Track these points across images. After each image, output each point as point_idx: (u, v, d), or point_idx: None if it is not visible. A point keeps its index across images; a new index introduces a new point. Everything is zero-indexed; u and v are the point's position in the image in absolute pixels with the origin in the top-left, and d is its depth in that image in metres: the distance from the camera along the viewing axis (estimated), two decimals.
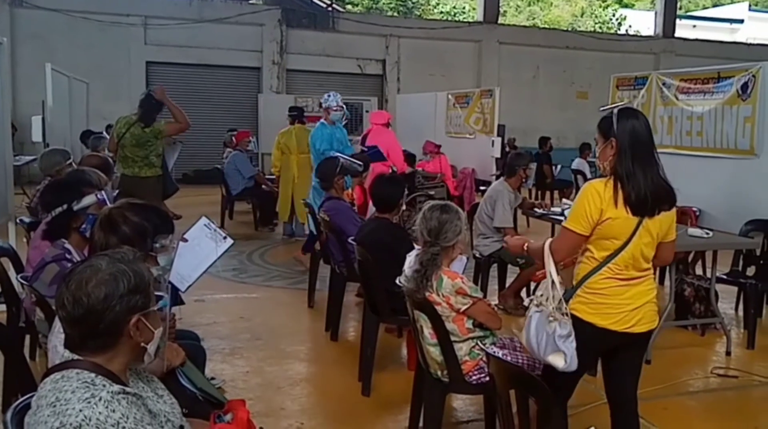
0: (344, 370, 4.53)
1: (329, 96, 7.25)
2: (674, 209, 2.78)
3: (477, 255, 6.02)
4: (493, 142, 9.24)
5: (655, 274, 6.15)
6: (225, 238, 3.52)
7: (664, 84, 6.67)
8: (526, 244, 3.06)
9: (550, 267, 2.80)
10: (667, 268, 5.37)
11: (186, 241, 3.42)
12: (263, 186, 10.04)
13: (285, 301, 6.30)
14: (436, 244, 3.15)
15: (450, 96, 10.86)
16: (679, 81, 6.46)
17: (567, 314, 2.73)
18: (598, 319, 2.75)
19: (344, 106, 7.28)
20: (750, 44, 20.66)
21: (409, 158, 9.59)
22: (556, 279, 2.79)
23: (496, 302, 5.73)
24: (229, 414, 2.08)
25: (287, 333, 5.33)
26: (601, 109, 2.83)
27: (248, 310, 5.92)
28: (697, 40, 20.04)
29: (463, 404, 4.07)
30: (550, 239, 2.91)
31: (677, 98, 6.44)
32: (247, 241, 8.77)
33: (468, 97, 10.31)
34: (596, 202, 2.69)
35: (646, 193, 2.67)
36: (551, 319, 2.74)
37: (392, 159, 7.65)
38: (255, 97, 15.81)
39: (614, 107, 2.80)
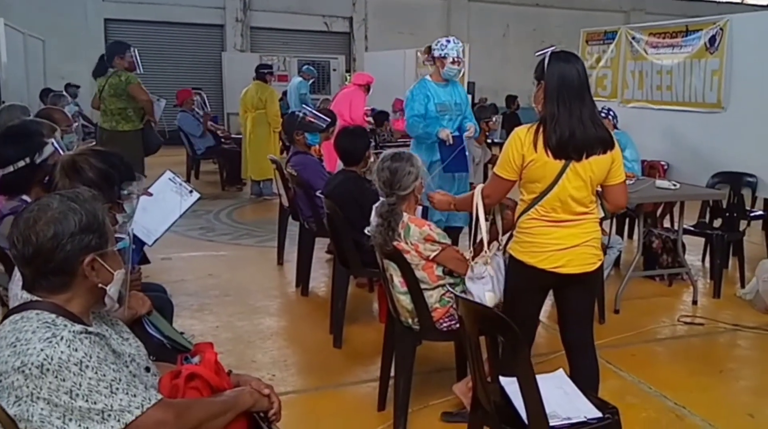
0: (315, 324, 4.55)
1: (448, 42, 4.94)
2: (612, 153, 2.78)
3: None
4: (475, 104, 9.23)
5: (624, 227, 6.42)
6: (191, 191, 3.47)
7: (633, 38, 6.69)
8: (452, 201, 3.22)
9: (479, 213, 2.95)
10: (636, 221, 5.46)
11: (151, 195, 3.36)
12: (225, 144, 9.98)
13: (254, 259, 6.29)
14: (392, 194, 3.14)
15: (419, 53, 10.76)
16: (648, 35, 6.48)
17: (489, 259, 2.96)
18: (527, 257, 2.84)
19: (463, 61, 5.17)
20: (719, 2, 20.75)
21: (380, 116, 9.59)
22: (483, 224, 2.95)
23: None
24: (197, 356, 2.07)
25: (257, 289, 5.32)
26: (537, 53, 2.83)
27: (217, 267, 5.90)
28: None
29: (434, 353, 4.11)
30: (481, 186, 3.01)
31: (646, 53, 6.46)
32: (214, 201, 8.70)
33: None
34: (517, 147, 2.76)
35: (569, 136, 2.69)
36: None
37: (352, 116, 7.65)
38: (219, 55, 15.56)
39: (548, 50, 2.81)
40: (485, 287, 2.97)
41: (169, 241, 5.87)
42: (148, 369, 1.92)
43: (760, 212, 6.26)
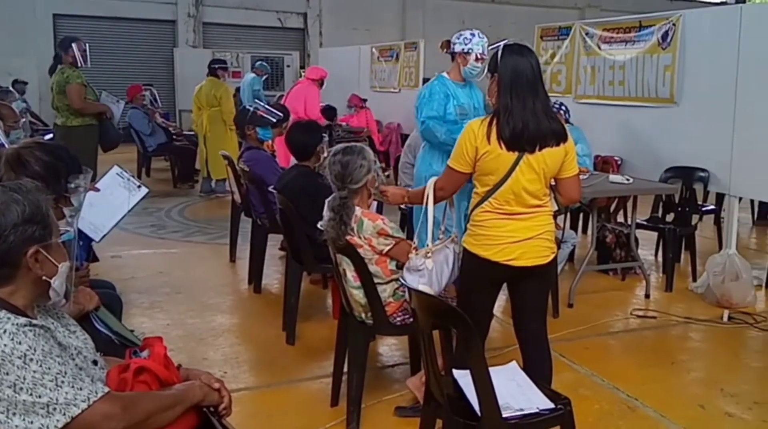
0: (268, 321, 4.54)
1: (473, 35, 4.30)
2: (565, 145, 2.83)
3: (403, 206, 6.05)
4: None
5: (578, 221, 6.55)
6: (139, 186, 3.43)
7: (587, 34, 6.79)
8: (406, 194, 3.26)
9: (430, 206, 2.98)
10: (590, 215, 5.57)
11: (98, 190, 3.32)
12: (176, 141, 9.87)
13: (206, 256, 6.25)
14: (344, 187, 3.15)
15: (374, 50, 10.81)
16: (601, 30, 6.58)
17: (431, 252, 2.98)
18: (481, 250, 2.88)
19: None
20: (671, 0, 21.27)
21: (329, 112, 9.60)
22: (431, 218, 2.98)
23: None
24: (146, 350, 2.06)
25: (208, 286, 5.29)
26: (490, 47, 2.88)
27: (167, 265, 5.84)
28: None
29: (388, 349, 4.15)
30: (434, 178, 3.04)
31: (600, 48, 6.56)
32: (166, 198, 8.61)
33: (392, 50, 10.29)
34: (471, 139, 2.80)
35: (523, 128, 2.73)
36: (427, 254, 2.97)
37: (308, 112, 7.64)
38: (171, 51, 15.37)
39: (501, 43, 2.86)
40: (420, 280, 2.98)
41: (119, 239, 5.84)
42: (95, 362, 1.90)
43: (712, 207, 6.44)
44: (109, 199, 3.36)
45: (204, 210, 8.23)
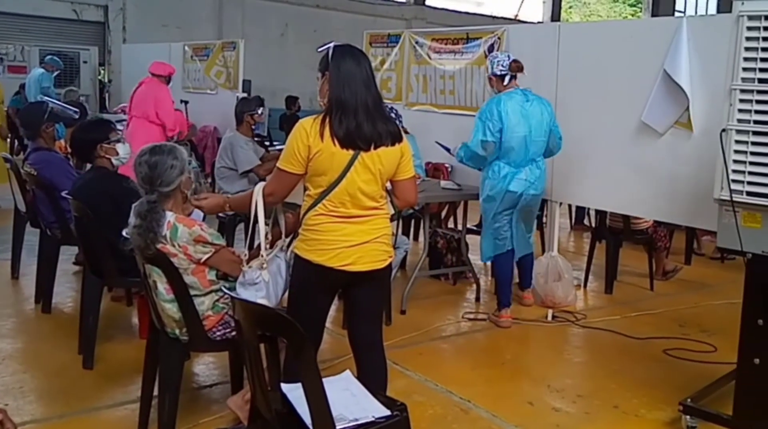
0: (60, 344, 4.26)
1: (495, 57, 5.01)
2: (401, 146, 2.87)
3: (221, 214, 5.85)
4: (237, 97, 9.05)
5: (410, 228, 6.69)
6: None
7: (417, 43, 7.02)
8: (226, 201, 3.20)
9: (259, 213, 2.92)
10: (422, 222, 5.71)
11: None
12: None
13: None
14: (154, 190, 3.00)
15: (187, 47, 10.46)
16: (431, 41, 6.83)
17: (266, 263, 2.96)
18: (314, 255, 2.84)
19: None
20: (494, 17, 22.70)
21: None
22: (262, 226, 2.94)
23: None
24: None
25: None
26: (319, 49, 2.89)
27: None
28: (446, 9, 21.52)
29: (205, 367, 4.03)
30: (261, 184, 2.99)
31: (430, 57, 6.81)
32: None
33: (208, 49, 10.01)
34: (303, 138, 2.77)
35: (357, 125, 2.75)
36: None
37: (161, 117, 7.21)
38: None
39: (330, 44, 2.88)
40: (258, 294, 2.93)
41: None
42: None
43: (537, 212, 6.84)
44: None
45: None
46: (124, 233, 3.07)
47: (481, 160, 4.92)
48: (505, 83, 4.90)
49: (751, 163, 3.00)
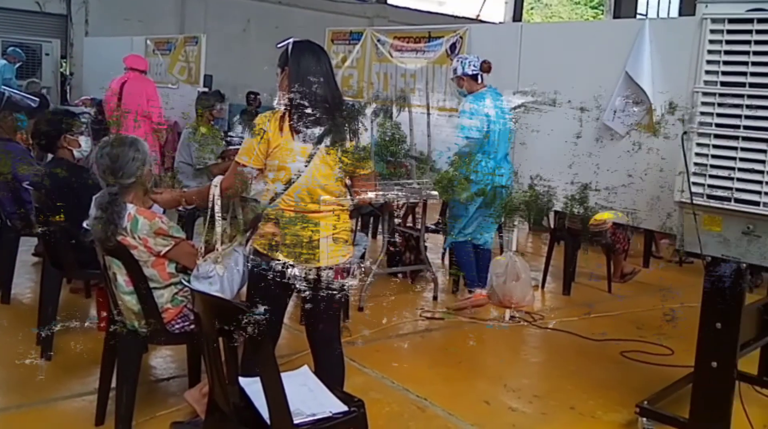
0: (17, 334, 4.24)
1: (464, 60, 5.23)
2: (360, 142, 2.88)
3: (180, 209, 5.83)
4: (198, 92, 9.00)
5: (368, 226, 6.73)
6: None
7: (379, 41, 7.06)
8: (182, 196, 3.22)
9: (216, 207, 2.92)
10: (381, 220, 5.75)
11: None
12: None
13: None
14: (115, 183, 3.01)
15: (149, 41, 10.37)
16: (393, 39, 6.88)
17: (221, 257, 2.95)
18: (273, 250, 2.83)
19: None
20: (456, 17, 22.81)
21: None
22: (219, 220, 2.94)
23: None
24: None
25: None
26: (278, 44, 2.90)
27: None
28: (408, 8, 21.57)
29: (162, 361, 4.03)
30: (219, 177, 2.98)
31: (391, 55, 6.84)
32: None
33: (170, 43, 9.94)
34: (262, 132, 2.78)
35: (315, 120, 2.77)
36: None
37: (153, 110, 7.15)
38: None
39: (289, 40, 2.90)
40: (212, 288, 2.92)
41: None
42: None
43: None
44: None
45: None
46: (84, 225, 3.07)
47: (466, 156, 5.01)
48: (479, 82, 5.03)
49: (712, 166, 2.97)
